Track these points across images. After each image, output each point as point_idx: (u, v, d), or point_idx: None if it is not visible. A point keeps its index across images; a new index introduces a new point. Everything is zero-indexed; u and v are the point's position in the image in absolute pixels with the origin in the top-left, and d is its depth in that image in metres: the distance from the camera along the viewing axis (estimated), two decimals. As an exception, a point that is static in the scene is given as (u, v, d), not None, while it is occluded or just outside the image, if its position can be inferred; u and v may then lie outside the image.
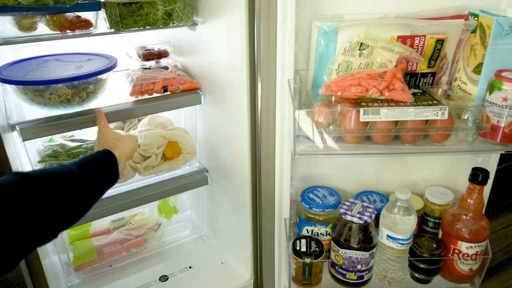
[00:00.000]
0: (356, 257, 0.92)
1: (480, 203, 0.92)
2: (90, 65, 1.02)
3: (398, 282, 0.98)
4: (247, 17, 0.87)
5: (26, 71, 0.98)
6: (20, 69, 1.00)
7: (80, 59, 1.09)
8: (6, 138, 0.86)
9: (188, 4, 1.04)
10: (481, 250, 0.95)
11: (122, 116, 1.07)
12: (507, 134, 0.82)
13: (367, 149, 0.86)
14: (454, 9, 0.89)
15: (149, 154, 1.16)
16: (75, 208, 0.68)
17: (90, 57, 1.10)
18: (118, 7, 0.95)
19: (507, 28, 0.79)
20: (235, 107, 1.02)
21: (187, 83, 1.16)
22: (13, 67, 1.01)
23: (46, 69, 1.00)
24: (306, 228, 1.04)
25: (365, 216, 0.90)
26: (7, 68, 1.00)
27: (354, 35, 0.84)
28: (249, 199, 1.09)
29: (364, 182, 1.11)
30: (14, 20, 0.90)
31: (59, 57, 1.10)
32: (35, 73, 0.97)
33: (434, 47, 0.87)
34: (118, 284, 1.22)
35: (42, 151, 1.08)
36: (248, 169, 1.05)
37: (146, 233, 1.34)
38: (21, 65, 1.04)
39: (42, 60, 1.07)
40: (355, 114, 0.80)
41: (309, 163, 1.09)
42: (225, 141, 1.15)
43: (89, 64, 1.03)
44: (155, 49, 1.25)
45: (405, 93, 0.82)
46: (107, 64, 1.03)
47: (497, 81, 0.80)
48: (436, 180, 1.09)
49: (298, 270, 0.99)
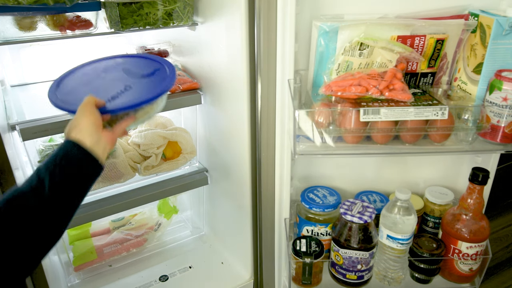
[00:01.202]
0: (356, 257, 0.92)
1: (480, 203, 0.92)
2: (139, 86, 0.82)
3: (398, 282, 0.98)
4: (247, 17, 0.87)
5: (80, 93, 0.80)
6: (74, 91, 0.82)
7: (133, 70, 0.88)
8: (6, 138, 0.86)
9: (188, 4, 1.04)
10: (481, 250, 0.95)
11: (122, 116, 1.06)
12: (507, 134, 0.82)
13: (367, 149, 0.86)
14: (454, 9, 0.89)
15: (149, 154, 1.16)
16: (51, 232, 0.61)
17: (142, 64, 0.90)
18: (118, 7, 0.95)
19: (507, 28, 0.79)
20: (235, 107, 1.02)
21: (187, 83, 1.16)
22: (66, 86, 0.84)
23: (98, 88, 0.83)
24: (306, 228, 1.04)
25: (365, 216, 0.90)
26: (60, 90, 0.82)
27: (354, 35, 0.84)
28: (249, 199, 1.09)
29: (364, 182, 1.11)
30: (14, 20, 0.90)
31: (106, 65, 0.90)
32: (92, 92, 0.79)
33: (434, 47, 0.87)
34: (118, 284, 1.22)
35: (42, 151, 1.08)
36: (248, 169, 1.05)
37: (146, 233, 1.34)
38: (70, 83, 0.85)
39: (92, 74, 0.88)
40: (355, 114, 0.80)
41: (309, 163, 1.09)
42: (225, 141, 1.15)
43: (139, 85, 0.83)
44: (155, 49, 1.25)
45: (405, 93, 0.82)
46: (164, 79, 0.83)
47: (497, 81, 0.80)
48: (436, 180, 1.09)
49: (298, 270, 0.99)
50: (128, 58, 0.93)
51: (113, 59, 0.92)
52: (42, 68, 1.26)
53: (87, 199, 1.11)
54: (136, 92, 0.80)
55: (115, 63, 0.91)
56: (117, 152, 1.12)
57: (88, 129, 0.68)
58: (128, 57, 0.94)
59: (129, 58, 0.93)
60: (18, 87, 1.23)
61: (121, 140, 1.17)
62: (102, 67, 0.90)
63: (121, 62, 0.91)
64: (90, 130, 0.68)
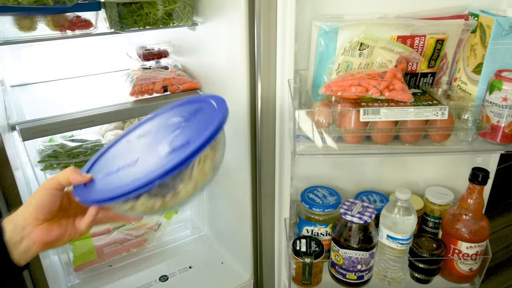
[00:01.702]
0: (356, 257, 0.92)
1: (480, 203, 0.92)
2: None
3: (398, 282, 0.98)
4: (247, 17, 0.87)
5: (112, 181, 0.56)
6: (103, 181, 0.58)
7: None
8: (6, 138, 0.86)
9: (188, 4, 1.04)
10: (481, 250, 0.95)
11: (122, 116, 1.06)
12: (507, 134, 0.82)
13: (367, 149, 0.86)
14: (454, 9, 0.89)
15: (149, 154, 1.16)
16: None
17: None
18: (118, 7, 0.95)
19: (507, 28, 0.79)
20: (235, 107, 1.02)
21: (187, 83, 1.16)
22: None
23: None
24: (306, 228, 1.04)
25: (365, 216, 0.90)
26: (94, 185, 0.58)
27: (354, 35, 0.84)
28: (249, 199, 1.09)
29: (364, 182, 1.11)
30: (14, 20, 0.90)
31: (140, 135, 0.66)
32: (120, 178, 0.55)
33: (434, 47, 0.87)
34: (118, 284, 1.22)
35: (42, 151, 1.08)
36: (248, 169, 1.05)
37: (146, 233, 1.34)
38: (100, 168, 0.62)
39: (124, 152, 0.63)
40: (355, 114, 0.80)
41: (309, 163, 1.09)
42: (225, 141, 1.15)
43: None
44: (155, 49, 1.25)
45: (405, 93, 0.82)
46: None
47: (497, 81, 0.80)
48: (436, 180, 1.09)
49: (298, 270, 0.99)
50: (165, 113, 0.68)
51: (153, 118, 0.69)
52: (42, 68, 1.26)
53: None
54: (141, 167, 0.53)
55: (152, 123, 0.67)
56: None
57: (18, 217, 0.56)
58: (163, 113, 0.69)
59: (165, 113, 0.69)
60: (18, 87, 1.23)
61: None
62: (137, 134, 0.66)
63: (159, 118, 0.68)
64: (17, 220, 0.56)
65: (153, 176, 0.49)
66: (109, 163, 0.60)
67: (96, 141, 1.12)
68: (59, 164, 1.04)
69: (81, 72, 1.32)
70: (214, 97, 0.62)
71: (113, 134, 1.20)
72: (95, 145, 1.10)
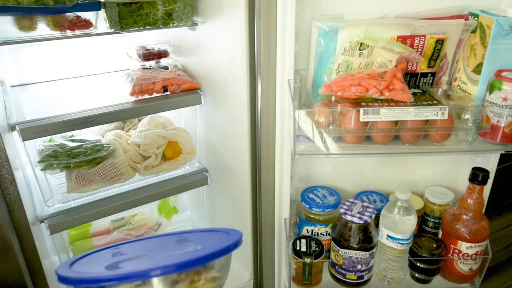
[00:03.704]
0: (356, 257, 0.92)
1: (480, 203, 0.92)
2: None
3: (398, 282, 0.98)
4: (247, 17, 0.87)
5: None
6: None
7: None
8: (6, 138, 0.86)
9: (188, 4, 1.04)
10: (481, 250, 0.95)
11: (122, 116, 1.07)
12: (507, 134, 0.82)
13: (367, 149, 0.86)
14: (454, 9, 0.89)
15: (149, 154, 1.16)
16: None
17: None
18: (118, 7, 0.95)
19: (507, 28, 0.79)
20: (235, 107, 1.02)
21: (187, 83, 1.16)
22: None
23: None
24: (306, 228, 1.04)
25: (365, 216, 0.90)
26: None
27: (354, 35, 0.84)
28: (249, 199, 1.09)
29: (364, 182, 1.11)
30: (14, 20, 0.90)
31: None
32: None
33: (434, 47, 0.87)
34: (118, 284, 1.22)
35: (42, 151, 1.08)
36: (248, 169, 1.05)
37: (146, 233, 1.34)
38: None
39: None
40: (355, 114, 0.80)
41: (309, 163, 1.09)
42: (225, 141, 1.15)
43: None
44: (155, 49, 1.25)
45: (405, 93, 0.82)
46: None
47: (497, 81, 0.80)
48: (436, 180, 1.09)
49: (298, 270, 0.99)
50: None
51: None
52: (42, 68, 1.26)
53: (88, 199, 1.12)
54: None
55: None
56: (117, 152, 1.12)
57: None
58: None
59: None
60: (18, 87, 1.23)
61: (121, 140, 1.17)
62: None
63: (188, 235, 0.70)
64: None
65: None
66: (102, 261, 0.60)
67: (96, 141, 1.12)
68: (59, 164, 1.04)
69: (81, 72, 1.32)
70: (230, 229, 0.64)
71: (113, 134, 1.20)
72: (95, 145, 1.10)
